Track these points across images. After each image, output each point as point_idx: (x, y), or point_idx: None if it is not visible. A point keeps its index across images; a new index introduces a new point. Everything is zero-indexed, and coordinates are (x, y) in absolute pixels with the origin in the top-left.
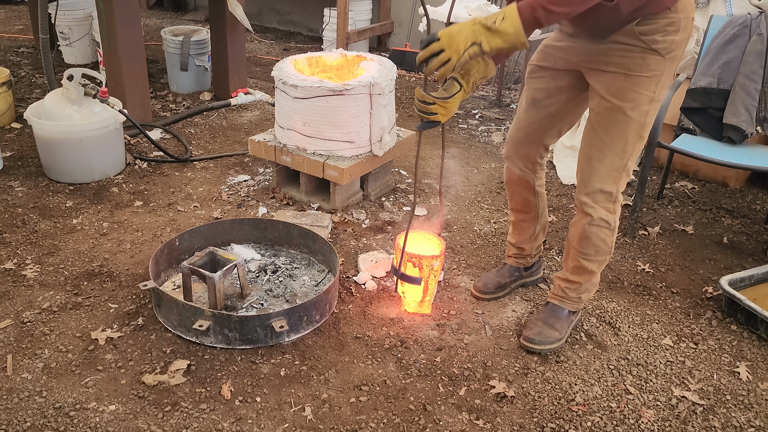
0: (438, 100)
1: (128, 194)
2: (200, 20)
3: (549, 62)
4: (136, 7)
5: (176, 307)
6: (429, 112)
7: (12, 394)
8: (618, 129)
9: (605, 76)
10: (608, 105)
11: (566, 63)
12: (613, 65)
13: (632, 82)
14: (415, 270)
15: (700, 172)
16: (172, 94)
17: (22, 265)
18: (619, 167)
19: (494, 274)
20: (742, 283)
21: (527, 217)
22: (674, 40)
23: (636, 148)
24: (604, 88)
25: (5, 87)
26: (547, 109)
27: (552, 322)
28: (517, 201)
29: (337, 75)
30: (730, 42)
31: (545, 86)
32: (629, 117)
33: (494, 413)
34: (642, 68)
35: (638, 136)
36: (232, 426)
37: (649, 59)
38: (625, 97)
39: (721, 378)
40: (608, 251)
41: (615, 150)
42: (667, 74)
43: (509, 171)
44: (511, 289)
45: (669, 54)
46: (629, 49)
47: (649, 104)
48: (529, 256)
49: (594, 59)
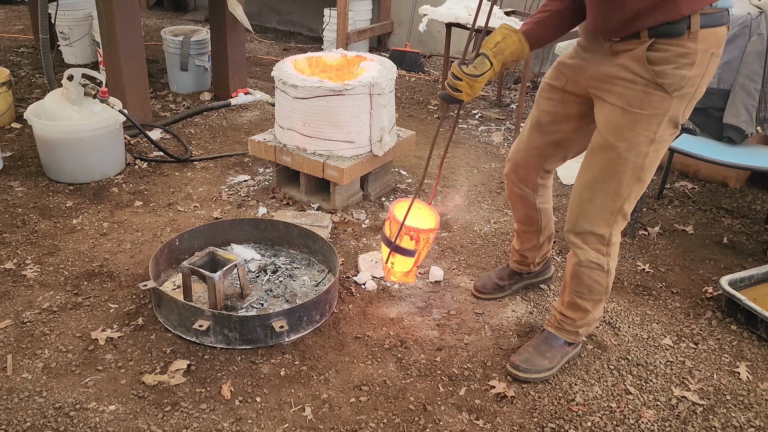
0: (466, 77)
1: (128, 194)
2: (200, 20)
3: (560, 82)
4: (136, 7)
5: (176, 307)
6: (455, 87)
7: (12, 394)
8: (611, 170)
9: (605, 108)
10: (603, 142)
11: (576, 86)
12: (614, 96)
13: (630, 119)
14: (411, 243)
15: (700, 172)
16: (172, 94)
17: (22, 265)
18: (612, 210)
19: (494, 275)
20: (742, 283)
21: (530, 229)
22: (685, 75)
23: (633, 191)
24: (603, 121)
25: (5, 87)
26: (551, 135)
27: (544, 350)
28: (520, 214)
29: (337, 75)
30: (730, 42)
31: (553, 110)
32: (625, 159)
33: (494, 413)
34: (642, 104)
35: (635, 179)
36: (232, 426)
37: (653, 95)
38: (621, 135)
39: (721, 378)
40: (603, 291)
41: (607, 192)
42: (672, 113)
43: (509, 189)
44: (513, 290)
45: (677, 92)
46: (633, 80)
47: (649, 145)
48: (532, 264)
49: (600, 85)
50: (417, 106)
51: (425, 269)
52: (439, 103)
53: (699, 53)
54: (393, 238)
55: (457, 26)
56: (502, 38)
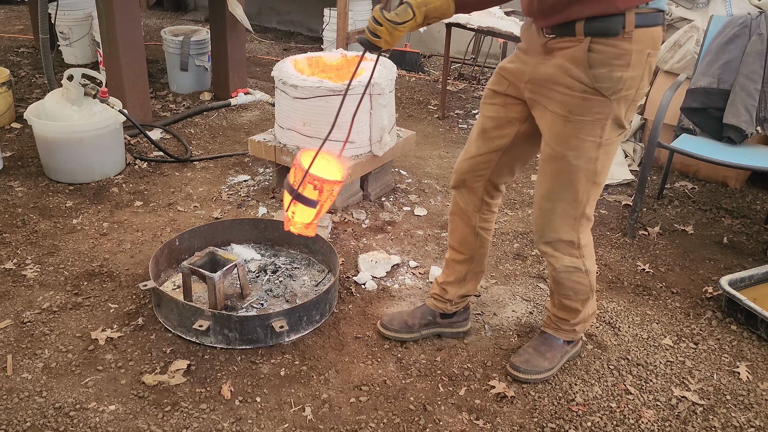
0: (387, 23)
1: (128, 194)
2: (200, 20)
3: (502, 87)
4: (136, 7)
5: (176, 307)
6: (375, 33)
7: (12, 394)
8: (565, 179)
9: (547, 116)
10: (551, 152)
11: (516, 90)
12: (554, 103)
13: (574, 127)
14: (314, 193)
15: (700, 172)
16: (172, 94)
17: (22, 265)
18: (574, 216)
19: (406, 313)
20: (742, 283)
21: (461, 257)
22: (621, 77)
23: (591, 195)
24: (547, 131)
25: (5, 87)
26: (495, 141)
27: (543, 350)
28: (455, 237)
29: (337, 75)
30: (730, 42)
31: (496, 115)
32: (576, 166)
33: (494, 413)
34: (583, 111)
35: (591, 183)
36: (232, 426)
37: (592, 101)
38: (568, 144)
39: (721, 378)
40: (588, 290)
41: (566, 200)
42: (615, 116)
43: (454, 201)
44: (421, 335)
45: (615, 94)
46: (570, 86)
47: (598, 150)
48: (450, 302)
49: (538, 90)
50: (417, 106)
51: (425, 269)
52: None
53: (634, 54)
54: (296, 186)
55: (457, 26)
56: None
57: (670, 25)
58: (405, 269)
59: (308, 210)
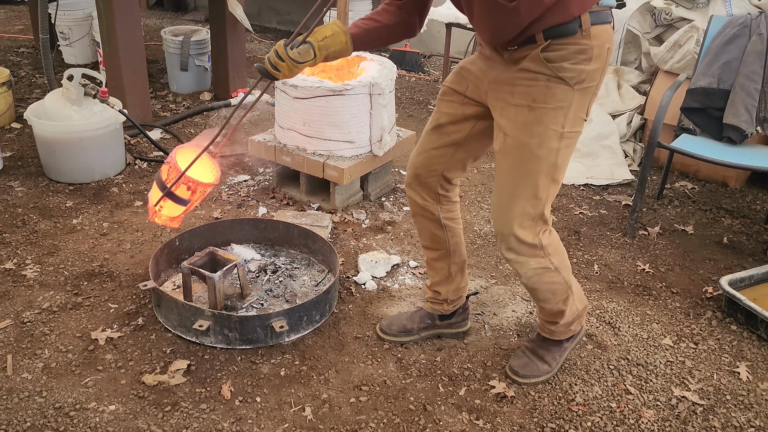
0: (289, 60)
1: (128, 194)
2: (200, 20)
3: (461, 86)
4: (136, 7)
5: (176, 307)
6: (276, 66)
7: (12, 394)
8: (525, 169)
9: (510, 110)
10: (513, 142)
11: (476, 92)
12: (518, 96)
13: (537, 115)
14: (187, 192)
15: (700, 172)
16: (172, 94)
17: (22, 265)
18: (533, 216)
19: (405, 316)
20: (742, 283)
21: (438, 254)
22: (584, 69)
23: (550, 192)
24: (509, 124)
25: (5, 87)
26: (450, 135)
27: (542, 353)
28: (425, 236)
29: (337, 75)
30: (730, 42)
31: (452, 111)
32: (537, 155)
33: (494, 413)
34: (547, 98)
35: (551, 179)
36: (232, 426)
37: (555, 88)
38: (531, 131)
39: (721, 378)
40: (566, 287)
41: (526, 195)
42: (576, 107)
43: (411, 200)
44: (421, 336)
45: (578, 84)
46: (534, 77)
47: (559, 141)
48: (446, 302)
49: (501, 90)
50: (417, 106)
51: (425, 269)
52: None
53: (595, 48)
54: (169, 184)
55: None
56: (331, 34)
57: (670, 25)
58: (405, 269)
59: (177, 207)
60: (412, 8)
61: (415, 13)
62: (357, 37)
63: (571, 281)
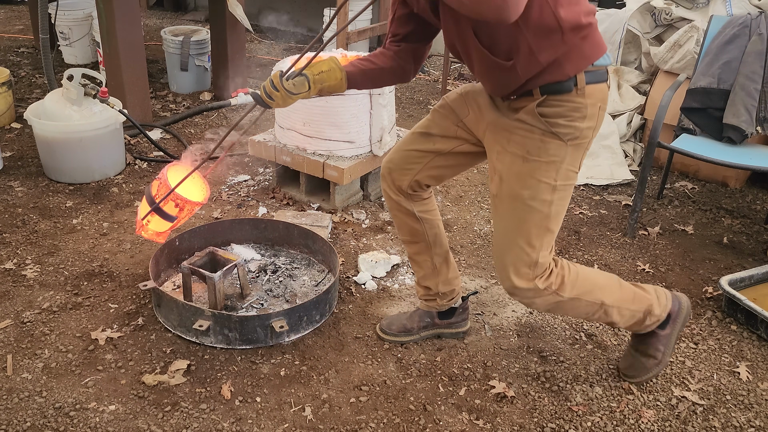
0: (283, 91)
1: (128, 194)
2: (200, 20)
3: (462, 111)
4: (136, 7)
5: (176, 307)
6: (270, 95)
7: (12, 394)
8: (519, 219)
9: (506, 156)
10: (508, 190)
11: (474, 125)
12: (514, 144)
13: (531, 167)
14: (175, 210)
15: (700, 172)
16: (172, 94)
17: (22, 265)
18: (528, 263)
19: (404, 316)
20: (742, 283)
21: (418, 248)
22: (578, 126)
23: (545, 241)
24: (505, 170)
25: (5, 87)
26: (435, 144)
27: (643, 348)
28: (403, 230)
29: None
30: (730, 42)
31: (445, 126)
32: (530, 206)
33: (494, 413)
34: (540, 152)
35: (545, 229)
36: (232, 426)
37: (549, 143)
38: (524, 183)
39: (721, 378)
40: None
41: (520, 244)
42: (569, 161)
43: (385, 194)
44: (421, 336)
45: (572, 141)
46: (530, 130)
47: (552, 193)
48: (438, 297)
49: (499, 134)
50: (417, 106)
51: None
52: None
53: (589, 107)
54: (158, 200)
55: None
56: (327, 69)
57: (670, 25)
58: (405, 269)
59: (164, 222)
60: (409, 56)
61: (411, 61)
62: (352, 76)
63: (605, 298)
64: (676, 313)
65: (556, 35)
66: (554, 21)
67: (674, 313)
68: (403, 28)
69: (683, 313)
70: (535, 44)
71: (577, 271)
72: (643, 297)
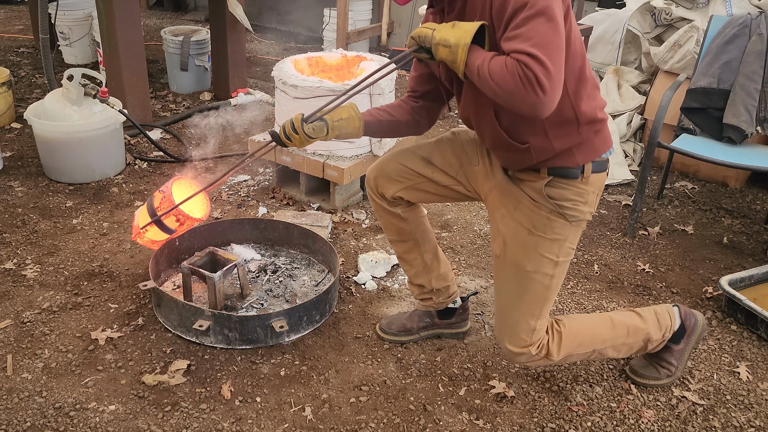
0: (302, 134)
1: (128, 194)
2: (200, 20)
3: (473, 159)
4: (136, 7)
5: (176, 307)
6: (289, 137)
7: (12, 394)
8: (520, 288)
9: (511, 223)
10: (512, 259)
11: (481, 180)
12: (520, 214)
13: (535, 241)
14: (175, 224)
15: (700, 172)
16: (172, 94)
17: (22, 265)
18: (526, 330)
19: (403, 316)
20: (742, 283)
21: (407, 246)
22: (582, 210)
23: (544, 310)
24: (509, 236)
25: (5, 87)
26: (432, 173)
27: (656, 361)
28: (391, 230)
29: (337, 75)
30: (730, 42)
31: (450, 162)
32: (532, 279)
33: (494, 413)
34: (546, 229)
35: (544, 299)
36: (232, 426)
37: (555, 222)
38: (528, 256)
39: (721, 378)
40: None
41: (517, 313)
42: (571, 240)
43: (369, 196)
44: (421, 336)
45: (576, 221)
46: (537, 206)
47: (554, 268)
48: (433, 294)
49: (506, 198)
50: None
51: None
52: None
53: (590, 194)
54: (159, 213)
55: None
56: (347, 117)
57: (670, 25)
58: None
59: (162, 233)
60: (424, 113)
61: (426, 117)
62: (368, 125)
63: (596, 345)
64: (692, 329)
65: (572, 126)
66: (573, 113)
67: (689, 329)
68: (422, 87)
69: (698, 330)
70: (552, 132)
71: (567, 331)
72: (638, 329)
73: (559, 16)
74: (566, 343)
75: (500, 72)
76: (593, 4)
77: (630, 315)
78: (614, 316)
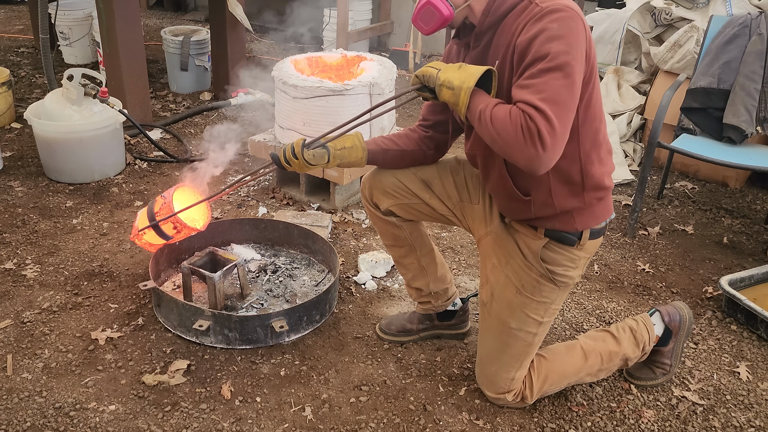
0: (302, 160)
1: (128, 194)
2: (200, 20)
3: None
4: (136, 7)
5: (176, 307)
6: (288, 161)
7: (12, 394)
8: (504, 342)
9: (500, 276)
10: (498, 313)
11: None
12: (510, 269)
13: (522, 301)
14: (172, 231)
15: (700, 172)
16: (172, 94)
17: (22, 265)
18: (505, 379)
19: (403, 317)
20: (742, 283)
21: (403, 251)
22: (572, 275)
23: (524, 363)
24: (497, 288)
25: (5, 87)
26: (429, 198)
27: (650, 363)
28: (386, 236)
29: (337, 75)
30: (730, 42)
31: (449, 193)
32: (515, 336)
33: (494, 413)
34: (534, 291)
35: (525, 354)
36: (232, 426)
37: (544, 286)
38: (513, 314)
39: (721, 378)
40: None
41: (498, 364)
42: (557, 302)
43: (364, 204)
44: (420, 337)
45: (564, 286)
46: (528, 266)
47: (538, 327)
48: (432, 296)
49: (498, 248)
50: (417, 107)
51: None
52: None
53: (582, 259)
54: (158, 218)
55: None
56: (351, 146)
57: (670, 25)
58: None
59: (159, 238)
60: (432, 145)
61: (433, 149)
62: (372, 155)
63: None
64: (677, 328)
65: (577, 188)
66: (580, 176)
67: (675, 329)
68: (434, 116)
69: (685, 325)
70: (556, 189)
71: (537, 376)
72: (612, 353)
73: (577, 75)
74: (538, 386)
75: (503, 119)
76: (593, 4)
77: (604, 338)
78: (587, 345)
